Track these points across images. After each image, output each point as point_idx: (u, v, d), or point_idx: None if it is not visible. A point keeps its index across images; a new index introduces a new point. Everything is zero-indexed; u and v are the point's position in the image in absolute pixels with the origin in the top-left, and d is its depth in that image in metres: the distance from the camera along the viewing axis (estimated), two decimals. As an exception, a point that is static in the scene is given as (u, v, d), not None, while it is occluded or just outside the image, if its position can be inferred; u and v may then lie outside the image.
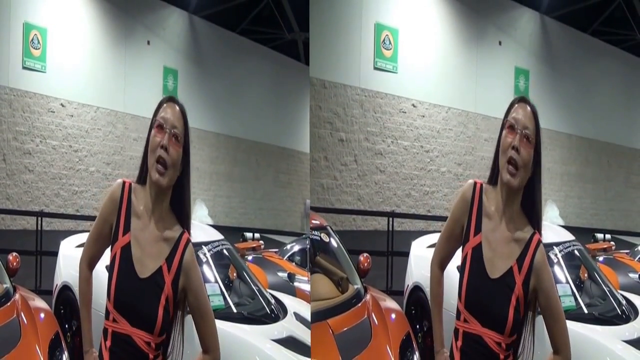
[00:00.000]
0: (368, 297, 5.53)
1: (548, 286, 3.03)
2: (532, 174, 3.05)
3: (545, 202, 13.56)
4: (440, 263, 3.30)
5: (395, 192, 12.01)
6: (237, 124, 15.21)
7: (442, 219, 11.74)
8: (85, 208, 12.46)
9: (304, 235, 11.26)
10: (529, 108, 3.08)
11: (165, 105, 3.07)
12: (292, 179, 16.25)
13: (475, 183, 3.15)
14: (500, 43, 13.09)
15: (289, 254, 8.68)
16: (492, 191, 3.12)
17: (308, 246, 8.43)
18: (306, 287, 7.32)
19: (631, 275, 7.45)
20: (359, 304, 5.36)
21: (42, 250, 9.61)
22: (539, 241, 3.04)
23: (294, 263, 8.35)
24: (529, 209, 3.08)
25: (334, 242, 6.11)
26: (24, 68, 11.58)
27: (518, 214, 3.07)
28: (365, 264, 6.25)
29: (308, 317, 5.63)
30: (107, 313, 2.99)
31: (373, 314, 5.23)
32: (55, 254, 7.40)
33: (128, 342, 2.95)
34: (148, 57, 13.55)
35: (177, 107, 3.08)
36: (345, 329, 4.99)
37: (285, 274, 7.59)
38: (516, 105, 3.10)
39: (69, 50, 12.31)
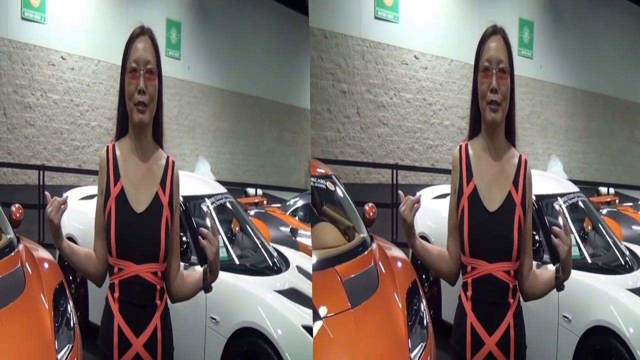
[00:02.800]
0: (374, 245, 5.56)
1: (529, 195, 3.11)
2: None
3: (549, 157, 13.53)
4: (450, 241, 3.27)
5: (398, 146, 11.96)
6: (242, 79, 15.04)
7: (447, 172, 11.71)
8: (87, 163, 12.40)
9: (307, 191, 11.28)
10: (501, 39, 3.07)
11: (135, 42, 3.00)
12: (297, 137, 16.15)
13: (460, 146, 3.17)
14: (503, -8, 12.91)
15: (292, 209, 8.76)
16: (476, 140, 3.14)
17: (311, 198, 8.50)
18: (309, 241, 7.37)
19: (635, 227, 7.53)
20: (366, 252, 5.40)
21: (45, 204, 9.56)
22: (526, 160, 3.14)
23: (297, 218, 8.39)
24: (509, 132, 3.13)
25: (339, 191, 6.11)
26: (23, 19, 11.42)
27: (504, 142, 3.12)
28: (371, 213, 6.26)
29: (310, 269, 5.67)
30: (111, 269, 3.01)
31: (380, 262, 5.27)
32: (58, 208, 7.38)
33: (136, 282, 2.97)
34: (150, 9, 13.32)
35: (148, 38, 3.03)
36: (352, 275, 5.04)
37: (288, 229, 7.62)
38: (488, 40, 3.07)
39: (69, 0, 12.16)
